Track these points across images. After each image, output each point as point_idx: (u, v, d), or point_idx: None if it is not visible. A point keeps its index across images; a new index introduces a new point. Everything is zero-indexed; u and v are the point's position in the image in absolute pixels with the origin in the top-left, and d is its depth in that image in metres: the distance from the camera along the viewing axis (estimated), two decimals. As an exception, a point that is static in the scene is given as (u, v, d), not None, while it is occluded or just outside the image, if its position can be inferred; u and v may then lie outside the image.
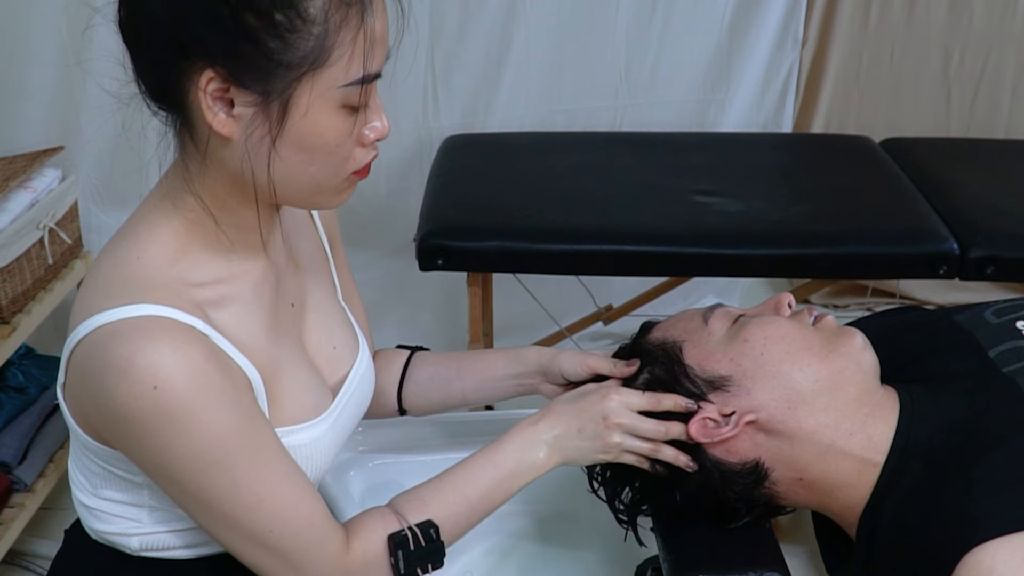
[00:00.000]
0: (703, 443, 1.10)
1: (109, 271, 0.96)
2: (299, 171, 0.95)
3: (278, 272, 1.07)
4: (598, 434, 1.10)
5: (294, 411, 1.04)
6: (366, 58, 0.91)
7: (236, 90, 0.90)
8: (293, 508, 0.98)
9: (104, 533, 1.06)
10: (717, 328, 1.13)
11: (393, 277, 2.62)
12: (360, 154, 0.97)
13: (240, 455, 0.94)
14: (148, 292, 0.92)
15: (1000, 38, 2.75)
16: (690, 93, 2.70)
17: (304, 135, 0.92)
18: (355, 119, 0.94)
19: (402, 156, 2.60)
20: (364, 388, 1.18)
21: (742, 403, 1.09)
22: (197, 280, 0.97)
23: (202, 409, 0.91)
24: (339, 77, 0.90)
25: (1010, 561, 0.91)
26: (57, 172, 2.11)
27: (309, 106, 0.90)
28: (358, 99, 0.92)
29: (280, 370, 1.03)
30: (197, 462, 0.93)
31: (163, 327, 0.91)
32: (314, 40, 0.88)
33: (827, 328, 1.12)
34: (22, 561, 2.09)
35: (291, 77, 0.89)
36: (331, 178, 0.97)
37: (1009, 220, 2.01)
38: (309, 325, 1.12)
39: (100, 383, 0.91)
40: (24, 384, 2.10)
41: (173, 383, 0.89)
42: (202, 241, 0.98)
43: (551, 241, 1.97)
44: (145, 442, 0.92)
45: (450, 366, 1.27)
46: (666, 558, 1.11)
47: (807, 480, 1.10)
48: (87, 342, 0.91)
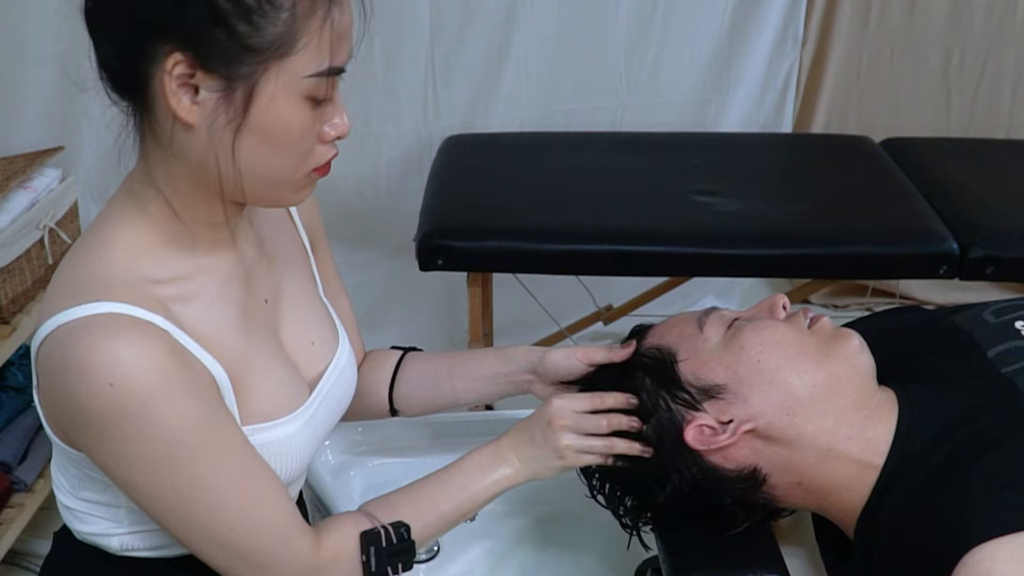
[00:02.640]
0: (700, 451, 1.09)
1: (71, 272, 0.95)
2: (261, 163, 0.94)
3: (248, 267, 1.06)
4: (547, 439, 1.11)
5: (266, 407, 1.02)
6: (332, 49, 0.91)
7: (202, 75, 0.89)
8: (256, 506, 0.98)
9: (86, 534, 1.06)
10: (712, 334, 1.12)
11: (393, 277, 2.63)
12: (321, 151, 0.96)
13: (200, 453, 0.93)
14: (107, 290, 0.92)
15: (1000, 38, 2.75)
16: (690, 93, 2.70)
17: (267, 124, 0.92)
18: (318, 113, 0.94)
19: (402, 156, 2.60)
20: (343, 384, 1.17)
21: (740, 411, 1.08)
22: (160, 277, 0.96)
23: (161, 405, 0.90)
24: (304, 67, 0.90)
25: (1009, 562, 0.91)
26: (57, 172, 2.11)
27: (274, 95, 0.90)
28: (323, 92, 0.92)
29: (250, 366, 1.01)
30: (156, 460, 0.92)
31: (120, 324, 0.90)
32: (282, 26, 0.88)
33: (823, 331, 1.12)
34: (22, 561, 2.09)
35: (257, 62, 0.89)
36: (292, 172, 0.96)
37: (1009, 220, 2.01)
38: (285, 320, 1.11)
39: (61, 383, 0.90)
40: (24, 384, 2.10)
41: (130, 379, 0.88)
42: (165, 238, 0.98)
43: (551, 241, 1.97)
44: (104, 442, 0.92)
45: (441, 366, 1.27)
46: (666, 559, 1.11)
47: (806, 484, 1.09)
48: (48, 342, 0.91)
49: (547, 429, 1.11)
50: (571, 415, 1.11)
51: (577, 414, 1.11)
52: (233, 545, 0.97)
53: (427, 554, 1.32)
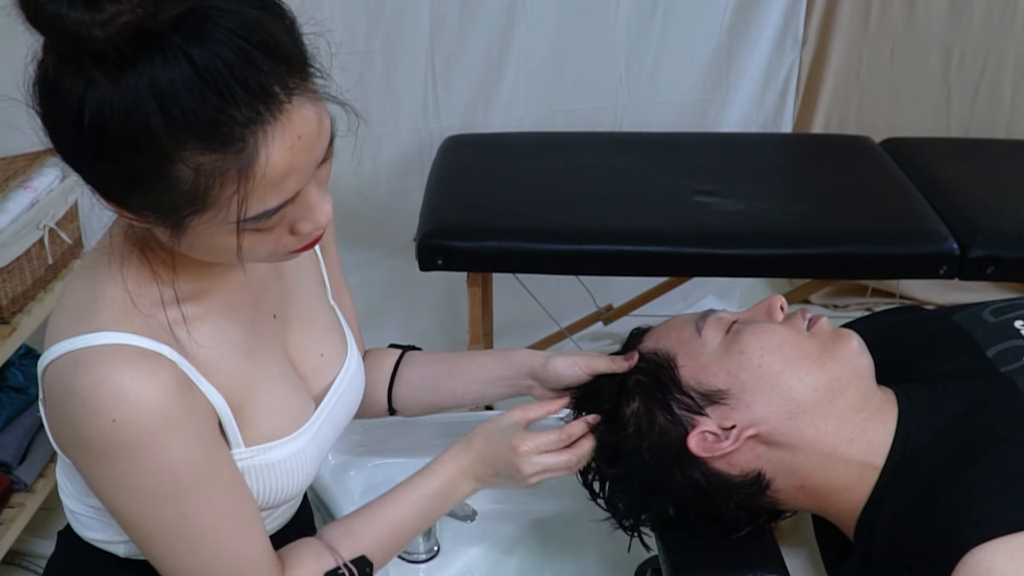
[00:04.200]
0: (704, 457, 1.09)
1: (80, 294, 0.94)
2: (218, 258, 0.92)
3: (258, 284, 1.06)
4: (515, 478, 1.12)
5: (269, 428, 1.02)
6: (264, 195, 0.83)
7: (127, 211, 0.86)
8: (234, 545, 0.98)
9: (91, 539, 1.07)
10: (711, 338, 1.12)
11: (393, 277, 2.63)
12: (293, 241, 0.91)
13: (193, 490, 0.94)
14: (114, 318, 0.91)
15: (1000, 38, 2.75)
16: (690, 93, 2.70)
17: (209, 248, 0.89)
18: (272, 232, 0.88)
19: (402, 156, 2.60)
20: (352, 393, 1.17)
21: (742, 417, 1.08)
22: (166, 299, 0.95)
23: (160, 443, 0.90)
24: (228, 217, 0.84)
25: (1009, 562, 0.91)
26: (57, 172, 2.11)
27: (204, 232, 0.86)
28: (267, 224, 0.86)
29: (254, 389, 1.01)
30: (149, 493, 0.92)
31: (126, 357, 0.89)
32: (188, 194, 0.82)
33: (822, 332, 1.11)
34: (22, 561, 2.09)
35: (172, 215, 0.84)
36: (262, 260, 0.93)
37: (1009, 220, 2.01)
38: (295, 333, 1.10)
39: (64, 411, 0.90)
40: (24, 384, 2.09)
41: (132, 416, 0.88)
42: (168, 261, 0.96)
43: (551, 241, 1.97)
44: (100, 470, 0.92)
45: (441, 366, 1.26)
46: (666, 559, 1.11)
47: (808, 487, 1.09)
48: (54, 367, 0.90)
49: (517, 475, 1.11)
50: (540, 463, 1.11)
51: (547, 459, 1.11)
52: None
53: (427, 554, 1.32)
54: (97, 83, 0.77)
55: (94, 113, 0.78)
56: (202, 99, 0.77)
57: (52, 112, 0.82)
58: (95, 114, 0.78)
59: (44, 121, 0.83)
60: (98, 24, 0.74)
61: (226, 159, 0.80)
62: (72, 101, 0.78)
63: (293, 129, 0.82)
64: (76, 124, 0.79)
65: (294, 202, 0.86)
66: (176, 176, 0.80)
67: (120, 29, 0.75)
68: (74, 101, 0.78)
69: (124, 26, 0.75)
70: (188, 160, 0.80)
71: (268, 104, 0.80)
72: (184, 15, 0.77)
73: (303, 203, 0.87)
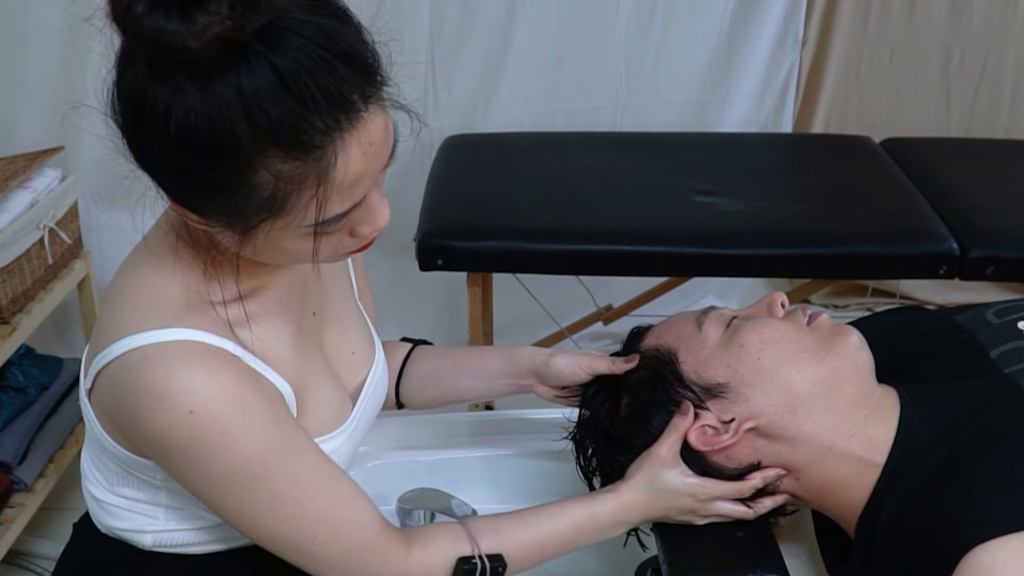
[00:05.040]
0: (703, 451, 1.09)
1: (140, 292, 0.95)
2: (281, 260, 0.95)
3: (303, 283, 1.08)
4: (684, 517, 1.12)
5: (318, 423, 1.04)
6: (340, 199, 0.87)
7: (197, 215, 0.88)
8: (338, 514, 0.99)
9: (116, 529, 1.07)
10: (711, 334, 1.12)
11: (393, 277, 2.62)
12: (351, 243, 0.94)
13: (279, 468, 0.95)
14: (178, 315, 0.93)
15: (1000, 38, 2.75)
16: (690, 93, 2.70)
17: (276, 250, 0.91)
18: (335, 234, 0.91)
19: (402, 156, 2.57)
20: (380, 392, 1.19)
21: (741, 410, 1.08)
22: (226, 298, 0.97)
23: (238, 430, 0.92)
24: (301, 221, 0.87)
25: (1010, 562, 0.91)
26: (57, 172, 2.11)
27: (275, 236, 0.89)
28: (332, 228, 0.89)
29: (307, 382, 1.04)
30: (236, 479, 0.94)
31: (195, 352, 0.91)
32: (266, 200, 0.85)
33: (822, 328, 1.12)
34: (22, 561, 2.09)
35: (246, 222, 0.87)
36: (324, 260, 0.96)
37: (1009, 220, 2.01)
38: (329, 332, 1.12)
39: (135, 406, 0.91)
40: (24, 384, 2.10)
41: (208, 408, 0.90)
42: (227, 261, 0.98)
43: (551, 241, 1.97)
44: (184, 464, 0.94)
45: (447, 362, 1.28)
46: (666, 559, 1.11)
47: (807, 482, 1.10)
48: (119, 364, 0.92)
49: (690, 514, 1.11)
50: (722, 509, 1.11)
51: (722, 507, 1.11)
52: (318, 551, 0.99)
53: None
54: (185, 92, 0.79)
55: (180, 122, 0.80)
56: (285, 107, 0.80)
57: (136, 118, 0.83)
58: (181, 123, 0.80)
59: (125, 130, 0.85)
60: (192, 35, 0.76)
61: (306, 166, 0.83)
62: (159, 110, 0.80)
63: (367, 136, 0.85)
64: (162, 132, 0.81)
65: (359, 206, 0.89)
66: (257, 183, 0.83)
67: (212, 40, 0.77)
68: (161, 110, 0.80)
69: (216, 37, 0.77)
70: (270, 167, 0.82)
71: (347, 112, 0.83)
72: (267, 25, 0.79)
73: (367, 207, 0.91)
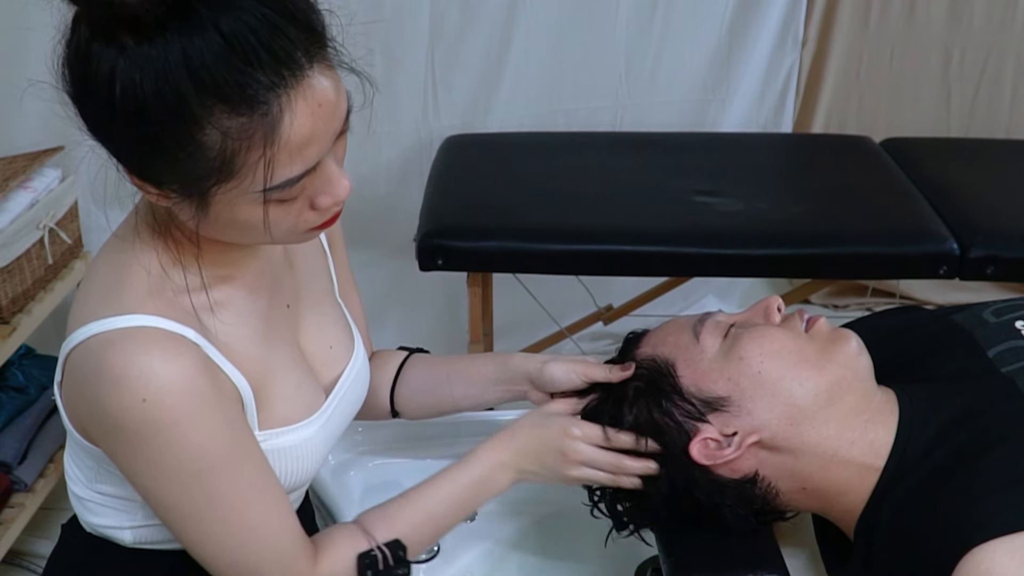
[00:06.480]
0: (707, 465, 1.09)
1: (106, 278, 0.96)
2: (240, 236, 0.95)
3: (274, 274, 1.08)
4: (557, 466, 1.12)
5: (285, 412, 1.04)
6: (289, 162, 0.86)
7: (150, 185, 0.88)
8: (267, 523, 0.99)
9: (98, 526, 1.07)
10: (709, 344, 1.11)
11: (393, 277, 2.62)
12: (313, 217, 0.93)
13: (222, 468, 0.95)
14: (142, 302, 0.93)
15: (1000, 38, 2.75)
16: (690, 93, 2.70)
17: (232, 222, 0.91)
18: (293, 203, 0.90)
19: (402, 156, 2.60)
20: (358, 387, 1.18)
21: (744, 423, 1.08)
22: (192, 285, 0.97)
23: (189, 422, 0.92)
24: (253, 186, 0.86)
25: (1009, 562, 0.91)
26: (57, 172, 2.11)
27: (230, 202, 0.88)
28: (289, 195, 0.89)
29: (271, 374, 1.03)
30: (180, 473, 0.94)
31: (155, 338, 0.91)
32: (214, 161, 0.84)
33: (821, 334, 1.11)
34: (22, 561, 2.09)
35: (198, 186, 0.87)
36: (282, 237, 0.95)
37: (1009, 220, 2.01)
38: (305, 325, 1.12)
39: (93, 391, 0.92)
40: (24, 384, 2.10)
41: (162, 395, 0.90)
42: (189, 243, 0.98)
43: (551, 241, 1.97)
44: (131, 451, 0.93)
45: (441, 371, 1.27)
46: (666, 559, 1.11)
47: (809, 489, 1.09)
48: (82, 348, 0.92)
49: (560, 459, 1.12)
50: (588, 451, 1.11)
51: (594, 450, 1.11)
52: (242, 559, 0.99)
53: (427, 554, 1.31)
54: (128, 49, 0.80)
55: (125, 82, 0.80)
56: (229, 64, 0.81)
57: (83, 83, 0.84)
58: (126, 83, 0.80)
59: (74, 96, 0.86)
60: None
61: (252, 122, 0.83)
62: (103, 70, 0.81)
63: (314, 96, 0.85)
64: (108, 93, 0.81)
65: (315, 172, 0.89)
66: (204, 142, 0.83)
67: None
68: (105, 70, 0.81)
69: None
70: (216, 124, 0.82)
71: (292, 69, 0.83)
72: None
73: (323, 175, 0.90)
